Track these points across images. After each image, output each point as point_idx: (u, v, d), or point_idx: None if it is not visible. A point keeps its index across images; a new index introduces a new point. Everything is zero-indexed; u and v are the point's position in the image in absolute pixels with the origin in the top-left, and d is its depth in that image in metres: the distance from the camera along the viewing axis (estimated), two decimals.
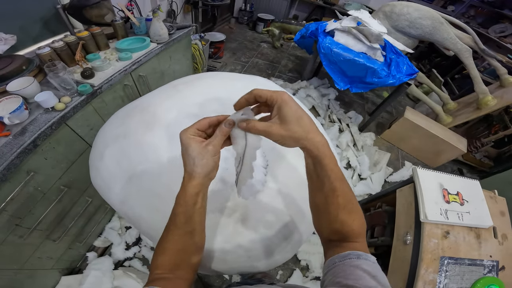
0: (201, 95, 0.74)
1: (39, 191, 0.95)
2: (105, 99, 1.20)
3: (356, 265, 0.34)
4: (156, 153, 0.61)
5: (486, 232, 1.01)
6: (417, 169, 1.16)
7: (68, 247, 1.24)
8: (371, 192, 1.98)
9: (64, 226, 1.15)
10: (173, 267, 0.41)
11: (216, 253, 0.57)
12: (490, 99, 2.26)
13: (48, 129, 0.90)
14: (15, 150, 0.80)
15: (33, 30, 1.32)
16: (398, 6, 2.41)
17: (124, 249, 1.50)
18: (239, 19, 4.71)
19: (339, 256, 0.36)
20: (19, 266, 0.99)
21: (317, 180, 0.39)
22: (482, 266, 0.93)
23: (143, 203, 0.59)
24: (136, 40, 1.46)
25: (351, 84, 2.24)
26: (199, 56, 2.44)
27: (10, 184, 0.83)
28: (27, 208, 0.93)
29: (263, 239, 0.58)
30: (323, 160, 0.38)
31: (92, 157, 0.69)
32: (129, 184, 0.60)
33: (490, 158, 2.50)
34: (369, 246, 1.44)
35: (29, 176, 0.87)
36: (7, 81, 0.95)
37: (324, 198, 0.39)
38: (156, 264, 0.41)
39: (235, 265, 0.59)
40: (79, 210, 1.21)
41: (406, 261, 0.99)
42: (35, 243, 1.03)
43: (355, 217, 0.39)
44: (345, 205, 0.38)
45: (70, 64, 1.18)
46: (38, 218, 0.98)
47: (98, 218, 1.42)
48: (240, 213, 0.58)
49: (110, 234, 1.52)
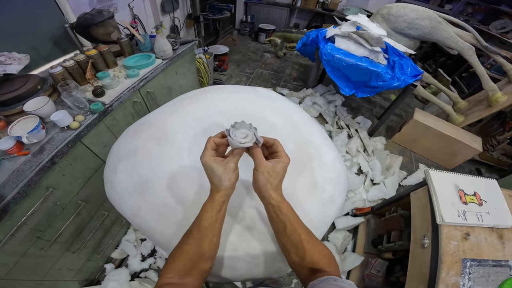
0: (206, 109, 0.77)
1: (58, 205, 0.99)
2: (117, 117, 1.25)
3: (335, 285, 0.38)
4: (164, 166, 0.64)
5: (509, 232, 0.97)
6: (429, 171, 1.14)
7: (87, 259, 1.27)
8: (385, 196, 1.93)
9: (82, 238, 1.18)
10: (185, 272, 0.43)
11: (226, 260, 0.58)
12: (500, 96, 2.21)
13: (64, 147, 0.93)
14: (34, 167, 0.84)
15: (45, 49, 1.38)
16: (395, 8, 2.42)
17: (140, 261, 1.53)
18: (241, 31, 4.83)
19: (318, 280, 0.40)
20: (40, 277, 1.02)
21: (279, 222, 0.47)
22: (508, 267, 0.89)
23: (154, 214, 0.61)
24: (142, 57, 1.51)
25: (356, 89, 2.24)
26: (204, 69, 2.49)
27: (31, 199, 0.86)
28: (47, 222, 0.96)
29: (270, 246, 0.59)
30: (281, 206, 0.47)
31: (106, 172, 0.71)
32: (140, 197, 0.62)
33: (508, 155, 2.41)
34: (386, 251, 1.41)
35: (48, 192, 0.91)
36: (24, 101, 1.00)
37: (289, 238, 0.47)
38: (168, 268, 0.44)
39: (244, 272, 0.60)
40: (96, 223, 1.25)
41: (425, 264, 0.96)
42: (56, 255, 1.06)
43: (320, 249, 0.47)
44: (308, 240, 0.46)
45: (81, 82, 1.23)
46: (58, 231, 1.01)
47: (114, 231, 1.45)
48: (248, 221, 0.59)
49: (127, 246, 1.55)
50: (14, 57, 1.10)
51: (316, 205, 0.66)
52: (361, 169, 2.18)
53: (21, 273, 0.92)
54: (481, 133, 2.51)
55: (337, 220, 1.73)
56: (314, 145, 0.74)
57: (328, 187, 0.69)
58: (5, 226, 0.80)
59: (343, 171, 0.76)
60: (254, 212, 0.60)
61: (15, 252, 0.88)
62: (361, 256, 1.52)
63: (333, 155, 0.76)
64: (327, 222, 0.68)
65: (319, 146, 0.75)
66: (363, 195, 1.95)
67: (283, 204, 0.47)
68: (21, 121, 0.92)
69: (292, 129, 0.75)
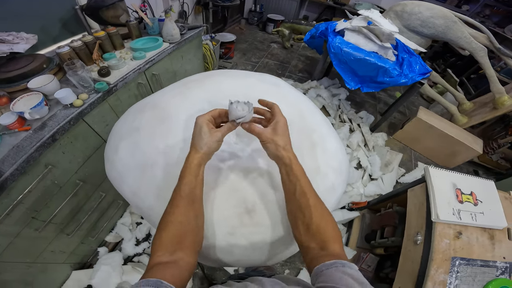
0: (211, 92, 0.76)
1: (55, 184, 0.98)
2: (120, 97, 1.25)
3: (343, 271, 0.36)
4: (166, 146, 0.63)
5: (500, 233, 0.98)
6: (429, 168, 1.14)
7: (80, 242, 1.27)
8: (382, 192, 1.95)
9: (77, 220, 1.18)
10: (174, 247, 0.42)
11: (223, 244, 0.57)
12: (507, 99, 2.19)
13: (66, 124, 0.94)
14: (34, 143, 0.84)
15: (53, 30, 1.38)
16: (409, 5, 2.37)
17: (134, 245, 1.53)
18: (249, 20, 4.74)
19: (325, 264, 0.38)
20: (32, 260, 1.01)
21: (290, 184, 0.48)
22: (495, 267, 0.90)
23: (154, 194, 0.61)
24: (150, 40, 1.51)
25: (362, 84, 2.22)
26: (210, 56, 2.47)
27: (29, 177, 0.86)
28: (43, 201, 0.95)
29: (269, 232, 0.58)
30: (294, 168, 0.48)
31: (107, 150, 0.71)
32: (141, 176, 0.62)
33: (507, 159, 2.41)
34: (379, 247, 1.43)
35: (46, 169, 0.91)
36: (28, 78, 1.00)
37: (298, 201, 0.47)
38: (156, 246, 0.42)
39: (240, 257, 0.59)
40: (93, 205, 1.24)
41: (416, 261, 0.97)
42: (49, 237, 1.06)
43: (328, 219, 0.46)
44: (316, 205, 0.46)
45: (87, 62, 1.23)
46: (53, 212, 1.00)
47: (110, 213, 1.46)
48: (249, 204, 0.58)
49: (122, 230, 1.55)
50: (22, 36, 1.10)
51: (318, 191, 0.65)
52: (360, 163, 2.19)
53: (13, 254, 0.91)
54: (483, 135, 2.50)
55: (333, 213, 1.75)
56: (318, 134, 0.73)
57: (330, 174, 0.69)
58: (1, 204, 0.79)
59: (345, 161, 0.76)
60: (255, 196, 0.59)
61: (9, 233, 0.87)
62: (353, 250, 1.55)
63: (336, 145, 0.76)
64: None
65: (323, 135, 0.74)
66: (360, 190, 1.97)
67: (296, 166, 0.48)
68: (24, 97, 0.93)
69: (297, 117, 0.74)
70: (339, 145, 0.77)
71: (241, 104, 0.51)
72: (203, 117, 0.49)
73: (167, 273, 0.37)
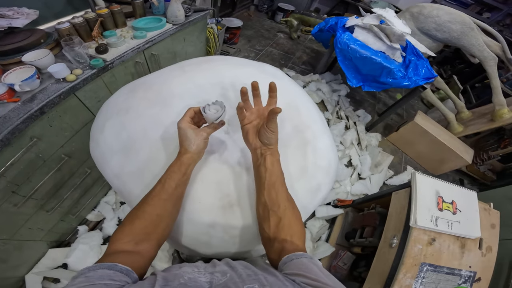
0: (207, 78, 0.75)
1: (40, 158, 0.96)
2: (116, 75, 1.23)
3: (313, 262, 0.39)
4: (155, 130, 0.63)
5: (471, 243, 1.01)
6: (416, 174, 1.15)
7: (60, 219, 1.24)
8: (368, 192, 1.98)
9: (59, 196, 1.15)
10: (142, 237, 0.42)
11: (202, 236, 0.57)
12: (506, 112, 2.18)
13: (56, 98, 0.93)
14: (21, 115, 0.82)
15: (57, 5, 1.35)
16: (428, 8, 2.31)
17: (116, 225, 1.48)
18: (259, 7, 4.61)
19: (295, 254, 0.40)
20: (8, 236, 0.98)
21: (265, 173, 0.51)
22: (459, 276, 0.94)
23: (137, 178, 0.60)
24: (153, 20, 1.48)
25: (363, 82, 2.19)
26: (213, 40, 2.43)
27: (12, 149, 0.84)
28: (25, 175, 0.93)
29: (250, 226, 0.58)
30: (267, 159, 0.52)
31: (93, 128, 0.70)
32: (125, 159, 0.62)
33: (494, 172, 2.44)
34: (357, 246, 1.46)
35: (32, 142, 0.89)
36: (24, 52, 0.98)
37: (269, 194, 0.49)
38: (124, 231, 0.42)
39: (219, 250, 0.59)
40: (77, 181, 1.22)
41: (388, 264, 1.00)
42: (28, 213, 1.03)
43: (297, 216, 0.50)
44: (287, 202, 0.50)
45: (86, 39, 1.22)
46: (35, 187, 0.98)
47: (94, 191, 1.42)
48: (231, 198, 0.58)
49: (104, 209, 1.51)
50: (23, 12, 1.08)
51: (302, 192, 0.65)
52: (351, 161, 2.21)
53: None
54: (475, 145, 2.52)
55: (318, 208, 1.78)
56: (312, 131, 0.73)
57: (317, 175, 0.69)
58: None
59: (334, 161, 0.76)
60: (239, 189, 0.59)
61: None
62: (332, 247, 1.59)
63: (328, 143, 0.76)
64: (309, 210, 0.68)
65: (317, 132, 0.74)
66: (347, 188, 2.00)
67: (270, 158, 0.52)
68: (17, 70, 0.92)
69: (293, 111, 0.74)
70: (331, 143, 0.78)
71: (212, 106, 0.53)
72: (184, 121, 0.51)
73: (129, 261, 0.36)
